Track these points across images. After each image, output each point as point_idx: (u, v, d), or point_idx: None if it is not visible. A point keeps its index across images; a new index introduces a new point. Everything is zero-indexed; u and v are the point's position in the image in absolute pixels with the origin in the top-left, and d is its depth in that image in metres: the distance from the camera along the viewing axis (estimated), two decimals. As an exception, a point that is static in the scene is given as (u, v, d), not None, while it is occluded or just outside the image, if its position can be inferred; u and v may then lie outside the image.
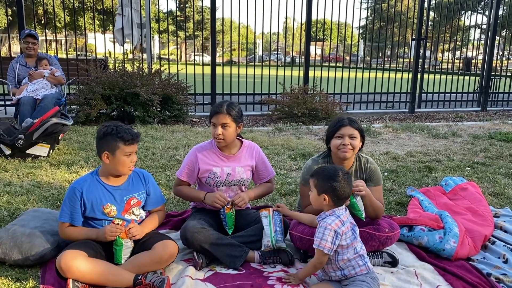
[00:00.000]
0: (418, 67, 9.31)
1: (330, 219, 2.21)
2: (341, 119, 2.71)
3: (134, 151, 2.47)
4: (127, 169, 2.46)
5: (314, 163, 2.77)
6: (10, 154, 4.57)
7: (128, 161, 2.44)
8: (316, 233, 2.19)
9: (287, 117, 7.78)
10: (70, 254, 2.22)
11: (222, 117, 2.70)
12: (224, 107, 2.72)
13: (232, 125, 2.73)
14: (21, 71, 5.86)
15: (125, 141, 2.39)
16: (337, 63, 10.11)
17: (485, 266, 2.65)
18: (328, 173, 2.25)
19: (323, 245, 2.14)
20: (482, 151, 5.64)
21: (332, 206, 2.25)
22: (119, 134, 2.39)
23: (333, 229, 2.16)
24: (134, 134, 2.45)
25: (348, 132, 2.65)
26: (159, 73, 7.48)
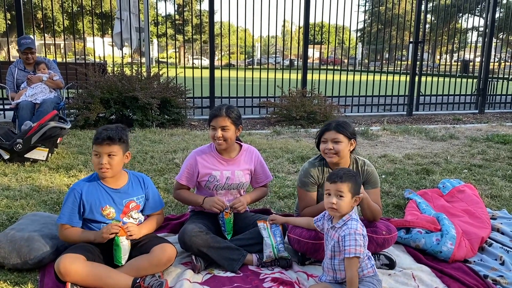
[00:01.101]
0: (415, 69, 9.35)
1: (354, 224, 2.16)
2: (329, 123, 2.73)
3: (104, 153, 2.40)
4: (97, 169, 2.44)
5: (311, 166, 2.78)
6: (9, 158, 4.58)
7: (96, 161, 2.41)
8: (346, 241, 2.11)
9: (286, 120, 7.80)
10: (69, 257, 2.23)
11: (222, 120, 2.72)
12: (223, 110, 2.74)
13: (232, 128, 2.76)
14: (20, 75, 5.87)
15: (95, 139, 2.40)
16: (335, 66, 10.15)
17: (482, 268, 2.66)
18: (355, 174, 2.27)
19: (359, 251, 2.10)
20: (480, 154, 5.66)
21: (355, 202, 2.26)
22: (97, 131, 2.42)
23: (361, 233, 2.15)
24: (105, 135, 2.38)
25: (331, 136, 2.66)
26: (157, 77, 7.51)
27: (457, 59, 12.53)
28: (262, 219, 2.71)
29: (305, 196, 2.78)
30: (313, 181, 2.76)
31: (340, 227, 2.20)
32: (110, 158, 2.42)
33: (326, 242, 2.32)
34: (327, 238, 2.30)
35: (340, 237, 2.15)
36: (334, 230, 2.24)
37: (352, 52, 15.20)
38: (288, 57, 12.32)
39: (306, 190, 2.77)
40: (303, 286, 2.41)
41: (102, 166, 2.41)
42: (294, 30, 9.26)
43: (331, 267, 2.24)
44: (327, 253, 2.26)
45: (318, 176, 2.76)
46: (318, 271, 2.59)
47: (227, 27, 8.86)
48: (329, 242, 2.27)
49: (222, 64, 8.82)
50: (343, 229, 2.17)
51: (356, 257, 2.10)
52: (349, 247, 2.10)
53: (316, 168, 2.77)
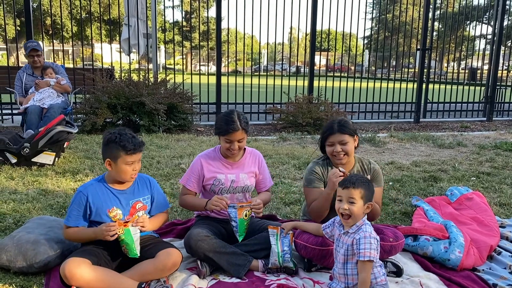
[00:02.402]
0: (423, 77, 9.32)
1: (368, 228, 2.17)
2: (331, 125, 2.71)
3: (137, 160, 2.45)
4: (128, 177, 2.46)
5: (315, 165, 2.81)
6: (16, 162, 4.61)
7: (130, 169, 2.43)
8: (361, 244, 2.09)
9: (292, 126, 7.79)
10: (74, 261, 2.23)
11: (239, 134, 2.71)
12: (239, 124, 2.68)
13: (245, 137, 2.78)
14: (28, 80, 5.92)
15: (127, 151, 2.38)
16: (342, 73, 10.14)
17: (491, 276, 2.62)
18: (367, 180, 2.25)
19: (374, 254, 2.09)
20: (488, 161, 5.61)
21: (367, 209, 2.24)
22: (121, 142, 2.38)
23: (375, 237, 2.15)
24: (137, 144, 2.42)
25: (338, 139, 2.66)
26: (164, 83, 7.54)
27: (464, 66, 12.48)
28: (274, 225, 2.64)
29: (312, 193, 2.76)
30: (318, 177, 2.77)
31: (355, 232, 2.18)
32: (139, 163, 2.49)
33: (337, 249, 2.28)
34: (338, 244, 2.26)
35: (355, 240, 2.13)
36: (347, 235, 2.21)
37: (359, 59, 15.19)
38: (294, 64, 12.32)
39: (313, 187, 2.76)
40: (309, 292, 2.38)
41: (134, 173, 2.46)
42: (301, 37, 9.27)
43: (344, 272, 2.21)
44: (340, 258, 2.23)
45: (323, 172, 2.78)
46: (325, 278, 2.56)
47: (234, 33, 8.90)
48: (340, 247, 2.24)
49: (228, 71, 8.83)
50: (358, 233, 2.16)
51: (370, 260, 2.08)
52: (364, 250, 2.08)
53: (320, 165, 2.80)
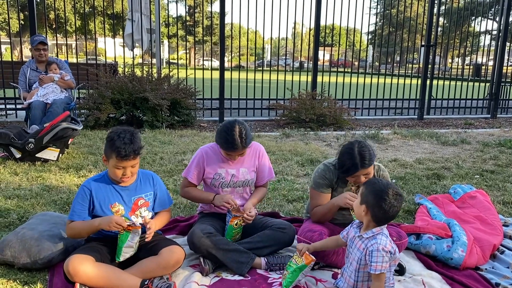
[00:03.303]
0: (427, 73, 9.26)
1: (383, 240, 2.08)
2: (353, 162, 2.49)
3: (128, 166, 2.39)
4: (118, 179, 2.44)
5: (326, 169, 2.72)
6: (20, 157, 4.62)
7: (119, 173, 2.39)
8: (373, 257, 2.05)
9: (295, 123, 7.78)
10: (78, 258, 2.24)
11: (240, 151, 2.73)
12: (239, 143, 2.65)
13: (246, 150, 2.79)
14: (32, 75, 5.93)
15: (117, 155, 2.34)
16: (346, 69, 10.11)
17: (493, 275, 2.62)
18: (378, 187, 2.10)
19: (385, 267, 2.05)
20: (492, 159, 5.59)
21: (371, 221, 2.12)
22: (115, 145, 2.34)
23: (389, 250, 2.06)
24: (129, 151, 2.33)
25: (363, 173, 2.54)
26: (168, 78, 7.53)
27: (469, 62, 12.41)
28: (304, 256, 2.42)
29: (318, 197, 2.72)
30: (327, 183, 2.71)
31: (368, 239, 2.11)
32: (133, 168, 2.44)
33: (349, 249, 2.24)
34: (352, 246, 2.22)
35: (368, 251, 2.08)
36: (361, 240, 2.15)
37: (363, 55, 15.11)
38: (298, 59, 12.29)
39: (320, 191, 2.71)
40: (312, 291, 2.39)
41: (125, 177, 2.43)
42: (304, 32, 9.23)
43: (354, 278, 2.18)
44: (353, 264, 2.18)
45: (332, 179, 2.71)
46: (327, 276, 2.57)
47: (238, 28, 8.89)
48: (353, 251, 2.19)
49: (232, 66, 8.81)
50: (371, 243, 2.08)
51: (383, 273, 2.06)
52: (376, 263, 2.04)
53: (331, 172, 2.71)
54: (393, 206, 2.07)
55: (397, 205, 2.08)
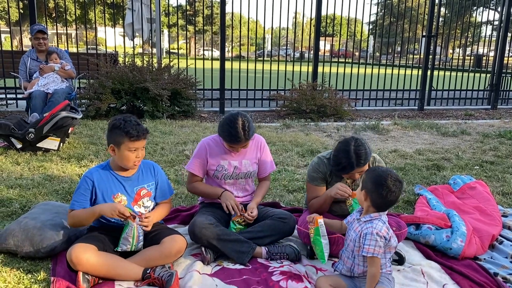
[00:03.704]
0: (428, 64, 9.24)
1: (378, 225, 2.11)
2: (349, 162, 2.50)
3: (140, 147, 2.46)
4: (131, 164, 2.47)
5: (321, 162, 2.76)
6: (21, 147, 4.64)
7: (133, 156, 2.44)
8: (366, 240, 2.08)
9: (295, 113, 7.78)
10: (81, 247, 2.26)
11: (243, 144, 2.75)
12: (242, 135, 2.67)
13: (249, 142, 2.81)
14: (32, 65, 5.92)
15: (130, 137, 2.39)
16: (346, 59, 10.07)
17: (492, 265, 2.65)
18: (378, 174, 2.14)
19: (378, 251, 2.07)
20: (492, 150, 5.60)
21: (371, 207, 2.16)
22: (125, 128, 2.39)
23: (383, 235, 2.09)
24: (141, 131, 2.43)
25: (358, 171, 2.56)
26: (168, 68, 7.52)
27: (470, 53, 12.36)
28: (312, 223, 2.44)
29: (314, 190, 2.78)
30: (321, 177, 2.75)
31: (365, 222, 2.16)
32: (142, 150, 2.50)
33: (349, 232, 2.28)
34: (350, 228, 2.27)
35: (362, 234, 2.12)
36: (358, 222, 2.21)
37: (363, 45, 15.05)
38: (298, 49, 12.24)
39: (315, 185, 2.77)
40: (312, 279, 2.42)
41: (137, 160, 2.47)
42: (305, 22, 9.19)
43: (352, 260, 2.23)
44: (350, 244, 2.23)
45: (326, 172, 2.75)
46: (327, 265, 2.59)
47: (238, 18, 8.84)
48: (351, 234, 2.24)
49: (232, 56, 8.78)
50: (367, 226, 2.13)
51: (376, 257, 2.09)
52: (368, 246, 2.07)
53: (325, 165, 2.75)
54: (391, 192, 2.10)
55: (395, 190, 2.11)
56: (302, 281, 2.36)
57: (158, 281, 2.27)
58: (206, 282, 2.37)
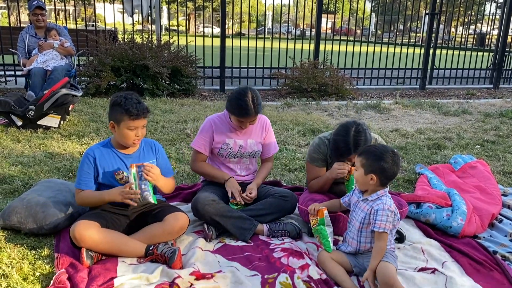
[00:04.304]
0: (430, 42, 9.14)
1: (388, 201, 2.18)
2: (347, 148, 2.50)
3: (140, 126, 2.43)
4: (130, 142, 2.46)
5: (321, 143, 2.75)
6: (22, 125, 4.62)
7: (132, 134, 2.42)
8: (378, 216, 2.13)
9: (297, 92, 7.73)
10: (84, 224, 2.28)
11: (253, 118, 2.73)
12: (252, 109, 2.66)
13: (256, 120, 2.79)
14: (31, 41, 5.85)
15: (130, 115, 2.36)
16: (348, 37, 9.96)
17: (491, 244, 2.68)
18: (378, 152, 2.18)
19: (388, 227, 2.13)
20: (493, 129, 5.60)
21: (378, 186, 2.21)
22: (125, 106, 2.36)
23: (393, 210, 2.16)
24: (141, 110, 2.39)
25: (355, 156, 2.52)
26: (168, 46, 7.43)
27: (473, 32, 12.20)
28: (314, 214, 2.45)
29: (314, 171, 2.78)
30: (322, 158, 2.75)
31: (374, 200, 2.21)
32: (143, 129, 2.46)
33: (353, 214, 2.32)
34: (355, 210, 2.31)
35: (373, 210, 2.17)
36: (365, 202, 2.24)
37: (365, 23, 14.85)
38: (300, 27, 12.09)
39: (315, 166, 2.77)
40: (313, 256, 2.44)
41: (137, 138, 2.44)
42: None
43: (357, 239, 2.26)
44: (355, 224, 2.27)
45: (327, 153, 2.74)
46: (328, 243, 2.62)
47: (239, -5, 8.69)
48: (357, 213, 2.28)
49: (233, 33, 8.67)
50: (377, 203, 2.19)
51: (385, 232, 2.13)
52: (380, 222, 2.13)
53: (326, 145, 2.74)
54: (395, 165, 2.20)
55: (398, 162, 2.21)
56: (303, 257, 2.38)
57: (161, 258, 2.30)
58: (209, 258, 2.39)
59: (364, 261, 2.24)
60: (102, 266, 2.25)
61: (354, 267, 2.28)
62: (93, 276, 2.15)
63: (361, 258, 2.27)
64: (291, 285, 2.14)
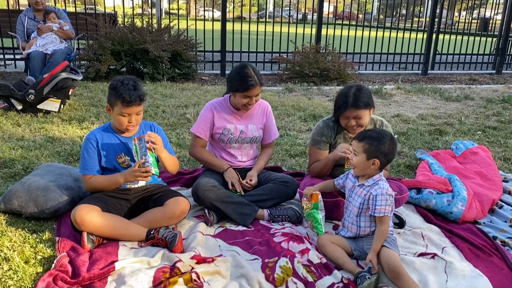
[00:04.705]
0: (433, 27, 9.04)
1: (384, 185, 2.22)
2: (345, 99, 2.55)
3: (134, 113, 2.39)
4: (123, 127, 2.44)
5: (325, 125, 2.75)
6: (22, 109, 4.60)
7: (125, 120, 2.40)
8: (377, 201, 2.17)
9: (298, 77, 7.68)
10: (85, 208, 2.28)
11: (258, 89, 2.69)
12: (256, 79, 2.66)
13: (256, 106, 2.78)
14: (30, 24, 5.79)
15: (122, 101, 2.34)
16: (350, 21, 9.85)
17: (491, 229, 2.68)
18: (380, 137, 2.21)
19: (388, 210, 2.17)
20: (495, 115, 5.57)
21: (376, 170, 2.24)
22: (119, 91, 2.34)
23: (390, 193, 2.20)
24: (134, 97, 2.34)
25: (353, 114, 2.56)
26: (168, 29, 7.35)
27: (476, 16, 12.07)
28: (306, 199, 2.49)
29: (316, 154, 2.77)
30: (325, 140, 2.74)
31: (370, 186, 2.23)
32: (138, 116, 2.43)
33: (349, 199, 2.35)
34: (352, 195, 2.33)
35: (372, 196, 2.20)
36: (361, 187, 2.26)
37: (368, 7, 14.67)
38: (301, 11, 11.96)
39: (318, 148, 2.76)
40: (313, 241, 2.45)
41: (130, 125, 2.42)
42: (309, -17, 8.92)
43: (356, 224, 2.28)
44: (353, 210, 2.29)
45: (331, 136, 2.74)
46: (328, 227, 2.62)
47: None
48: (354, 199, 2.30)
49: (234, 17, 8.58)
50: (374, 188, 2.21)
51: (386, 215, 2.18)
52: (380, 206, 2.17)
53: (329, 128, 2.73)
54: (395, 148, 2.25)
55: (396, 145, 2.28)
56: (303, 242, 2.39)
57: (162, 242, 2.31)
58: (209, 243, 2.40)
59: (364, 244, 2.26)
60: (103, 249, 2.26)
61: (354, 250, 2.30)
62: (94, 259, 2.16)
63: (361, 241, 2.29)
64: (291, 269, 2.15)
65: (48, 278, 1.99)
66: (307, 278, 2.11)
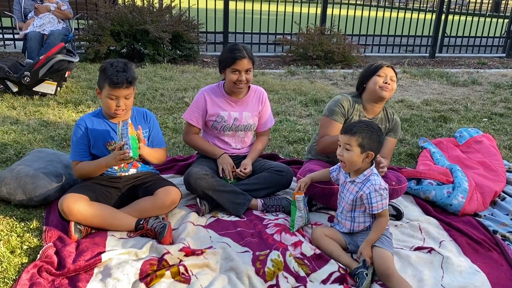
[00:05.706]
0: (443, 7, 8.77)
1: (376, 180, 2.14)
2: (379, 63, 2.66)
3: (122, 96, 2.31)
4: (112, 111, 2.36)
5: (344, 99, 2.65)
6: (18, 91, 4.53)
7: (113, 104, 2.32)
8: (372, 199, 2.10)
9: (301, 59, 7.52)
10: (72, 197, 2.22)
11: (247, 63, 2.61)
12: (246, 51, 2.60)
13: (252, 69, 2.68)
14: (27, 4, 5.68)
15: (110, 83, 2.27)
16: (357, 1, 9.59)
17: (492, 222, 2.60)
18: (371, 128, 2.13)
19: (385, 203, 2.12)
20: (502, 101, 5.42)
21: (369, 164, 2.18)
22: (107, 73, 2.27)
23: (384, 187, 2.14)
24: (121, 79, 2.26)
25: (390, 73, 2.60)
26: (169, 9, 7.19)
27: (488, -3, 11.71)
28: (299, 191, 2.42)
29: (328, 125, 2.64)
30: (342, 112, 2.63)
31: (362, 182, 2.16)
32: (127, 100, 2.35)
33: (341, 195, 2.28)
34: (343, 191, 2.26)
35: (365, 194, 2.13)
36: (353, 184, 2.19)
37: (376, -13, 14.29)
38: (307, -9, 11.66)
39: (332, 119, 2.63)
40: (307, 233, 2.39)
41: (119, 109, 2.34)
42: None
43: (351, 219, 2.22)
44: (346, 206, 2.23)
45: (349, 109, 2.65)
46: (323, 219, 2.57)
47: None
48: (346, 195, 2.23)
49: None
50: (366, 186, 2.13)
51: (385, 210, 2.14)
52: (376, 203, 2.11)
53: (349, 101, 2.66)
54: (381, 132, 2.20)
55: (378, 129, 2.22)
56: (296, 234, 2.32)
57: (151, 232, 2.25)
58: (200, 233, 2.34)
59: (359, 240, 2.19)
60: (90, 240, 2.21)
61: (349, 244, 2.24)
62: (81, 250, 2.11)
63: (356, 236, 2.22)
64: (282, 263, 2.09)
65: (33, 269, 1.95)
66: (298, 272, 2.05)
